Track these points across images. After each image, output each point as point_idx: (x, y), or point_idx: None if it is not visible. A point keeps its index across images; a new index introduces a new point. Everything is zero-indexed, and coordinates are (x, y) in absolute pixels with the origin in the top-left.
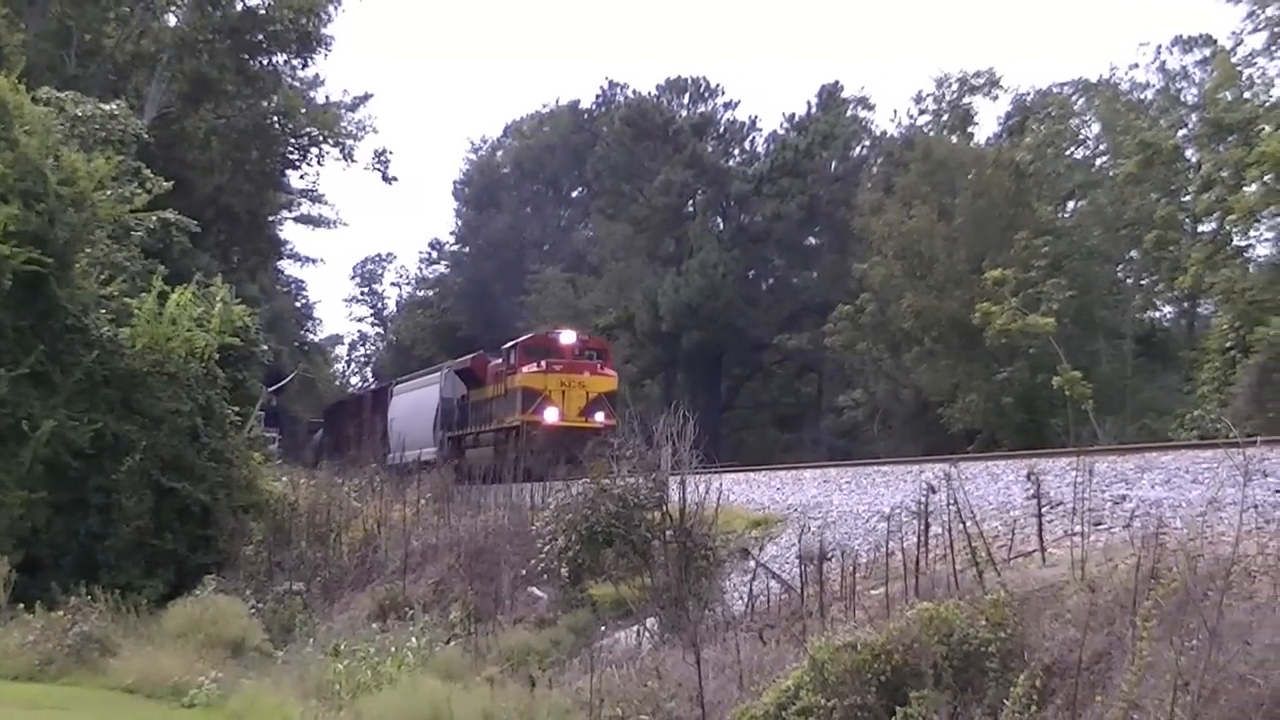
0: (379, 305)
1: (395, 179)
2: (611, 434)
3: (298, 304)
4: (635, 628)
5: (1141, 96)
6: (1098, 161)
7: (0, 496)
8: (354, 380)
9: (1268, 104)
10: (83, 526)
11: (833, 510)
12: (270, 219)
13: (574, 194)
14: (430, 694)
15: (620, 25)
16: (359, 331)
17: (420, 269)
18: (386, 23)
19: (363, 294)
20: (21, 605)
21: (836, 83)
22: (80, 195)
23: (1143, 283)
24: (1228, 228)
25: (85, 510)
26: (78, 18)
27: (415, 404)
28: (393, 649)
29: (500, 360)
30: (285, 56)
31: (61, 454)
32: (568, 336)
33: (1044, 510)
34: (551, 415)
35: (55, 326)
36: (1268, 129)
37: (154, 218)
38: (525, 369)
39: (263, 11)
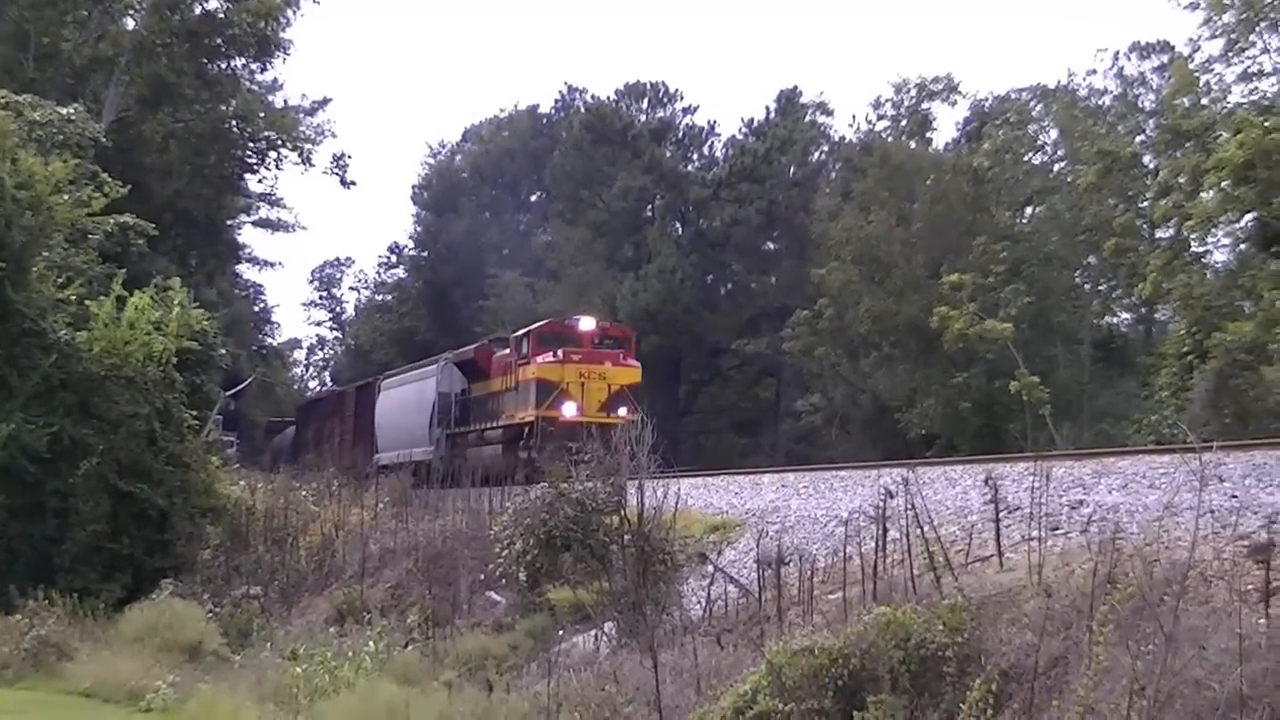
0: (337, 309)
1: (354, 183)
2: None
3: (256, 308)
4: (593, 632)
5: (1099, 103)
6: (1056, 167)
7: None
8: (312, 384)
9: (1225, 110)
10: (39, 530)
11: (791, 515)
12: (228, 223)
13: (533, 198)
14: (388, 698)
15: (580, 30)
16: (317, 335)
17: (379, 273)
18: (345, 27)
19: (321, 298)
20: None
21: (795, 88)
22: (37, 199)
23: (1100, 288)
24: (1185, 234)
25: (42, 514)
26: (35, 21)
27: (407, 399)
28: (350, 653)
29: (508, 350)
30: (244, 60)
31: (18, 458)
32: (587, 323)
33: (1001, 515)
34: (569, 410)
35: (12, 330)
36: (1225, 135)
37: (112, 221)
38: (539, 359)
39: (221, 15)
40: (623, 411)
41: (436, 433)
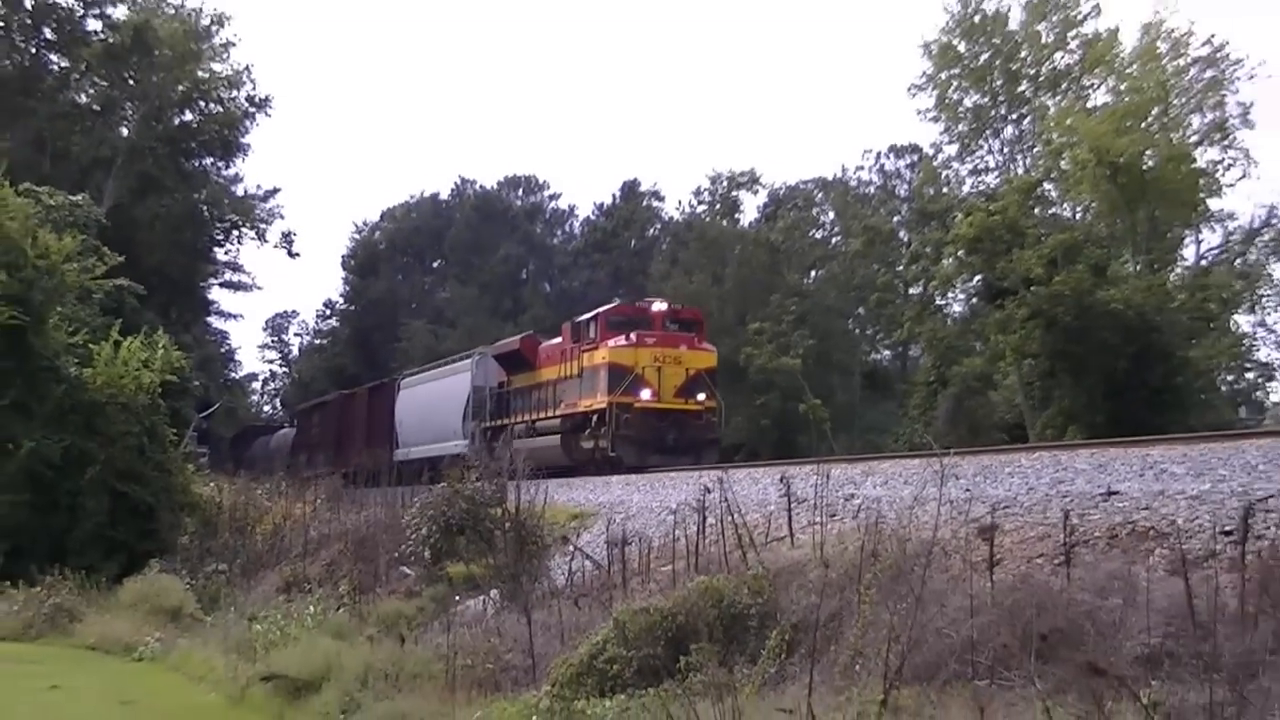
0: (285, 351)
1: (298, 254)
2: (713, 416)
3: (222, 350)
4: (482, 597)
5: (865, 190)
6: (833, 240)
7: None
8: (266, 408)
9: (959, 198)
10: (54, 522)
11: (633, 506)
12: (200, 284)
13: (435, 264)
14: (324, 649)
15: (470, 133)
16: (270, 370)
17: (317, 322)
18: (292, 130)
19: (272, 342)
20: (8, 583)
21: (635, 179)
22: (52, 266)
23: (867, 332)
24: (931, 291)
25: (56, 509)
26: (51, 130)
27: (434, 396)
28: (295, 615)
29: (560, 339)
30: (212, 159)
31: (38, 466)
32: (659, 304)
33: (792, 505)
34: (646, 395)
35: (33, 368)
36: (960, 216)
37: (110, 284)
38: (610, 342)
39: (194, 125)
40: (701, 397)
41: (470, 426)
